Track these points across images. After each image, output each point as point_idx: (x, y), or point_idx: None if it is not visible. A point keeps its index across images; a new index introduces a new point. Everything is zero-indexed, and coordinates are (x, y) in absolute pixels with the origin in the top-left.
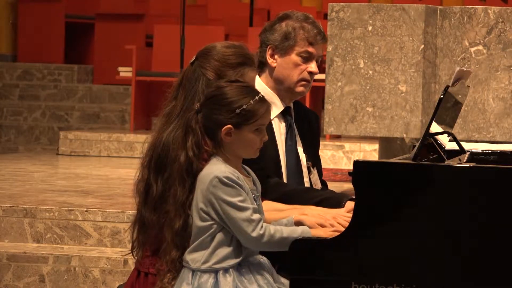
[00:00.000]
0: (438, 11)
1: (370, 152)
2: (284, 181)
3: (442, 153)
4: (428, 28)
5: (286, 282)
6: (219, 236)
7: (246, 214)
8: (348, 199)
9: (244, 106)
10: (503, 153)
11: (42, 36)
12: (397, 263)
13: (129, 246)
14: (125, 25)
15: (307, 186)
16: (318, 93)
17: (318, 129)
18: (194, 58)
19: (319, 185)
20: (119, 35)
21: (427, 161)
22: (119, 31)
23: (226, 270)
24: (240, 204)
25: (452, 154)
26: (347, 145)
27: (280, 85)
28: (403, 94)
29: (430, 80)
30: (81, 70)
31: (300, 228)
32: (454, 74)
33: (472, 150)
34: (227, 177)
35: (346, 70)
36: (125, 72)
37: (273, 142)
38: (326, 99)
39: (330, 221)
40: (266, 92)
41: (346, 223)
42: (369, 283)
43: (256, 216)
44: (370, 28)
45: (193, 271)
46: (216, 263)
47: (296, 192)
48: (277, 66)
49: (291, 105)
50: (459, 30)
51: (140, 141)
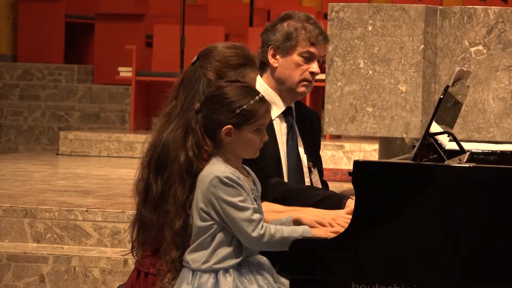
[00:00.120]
0: (438, 11)
1: (370, 152)
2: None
3: (442, 153)
4: (428, 28)
5: (286, 282)
6: (220, 236)
7: (247, 214)
8: (349, 197)
9: (244, 106)
10: (503, 153)
11: (42, 36)
12: (397, 263)
13: (129, 246)
14: (125, 25)
15: (308, 185)
16: (318, 93)
17: (319, 129)
18: (195, 59)
19: (320, 186)
20: (119, 35)
21: (427, 161)
22: (119, 31)
23: (226, 270)
24: (241, 204)
25: (452, 154)
26: (347, 145)
27: (282, 85)
28: (403, 94)
29: (430, 80)
30: (81, 70)
31: (301, 228)
32: (454, 74)
33: (472, 150)
34: (228, 177)
35: (346, 70)
36: (125, 72)
37: (274, 142)
38: (326, 99)
39: (329, 220)
40: (268, 92)
41: (346, 224)
42: (369, 283)
43: (257, 216)
44: (370, 28)
45: (193, 271)
46: (216, 263)
47: (297, 191)
48: (279, 66)
49: (293, 106)
50: (459, 30)
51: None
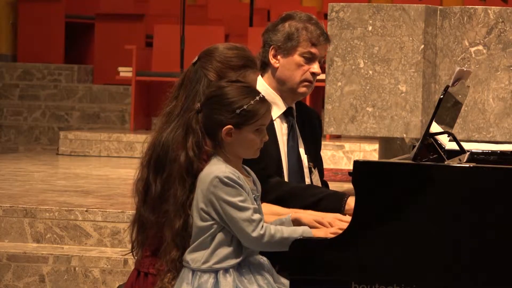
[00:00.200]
0: (438, 11)
1: (370, 152)
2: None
3: (442, 153)
4: (428, 28)
5: (286, 282)
6: (220, 236)
7: (247, 214)
8: (350, 196)
9: (245, 107)
10: (503, 153)
11: (42, 36)
12: (397, 263)
13: (129, 246)
14: (125, 25)
15: (308, 184)
16: (318, 93)
17: (320, 129)
18: (196, 59)
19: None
20: (119, 35)
21: (427, 161)
22: (119, 31)
23: (226, 270)
24: (241, 204)
25: (452, 154)
26: (347, 145)
27: (283, 86)
28: (403, 94)
29: (430, 80)
30: (81, 70)
31: (301, 228)
32: (454, 74)
33: (472, 150)
34: (228, 177)
35: (346, 70)
36: (125, 72)
37: (275, 143)
38: (326, 99)
39: (329, 220)
40: (268, 93)
41: (344, 226)
42: (369, 283)
43: (257, 216)
44: (370, 28)
45: (193, 271)
46: (216, 263)
47: (298, 189)
48: (280, 67)
49: (293, 106)
50: (459, 30)
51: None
